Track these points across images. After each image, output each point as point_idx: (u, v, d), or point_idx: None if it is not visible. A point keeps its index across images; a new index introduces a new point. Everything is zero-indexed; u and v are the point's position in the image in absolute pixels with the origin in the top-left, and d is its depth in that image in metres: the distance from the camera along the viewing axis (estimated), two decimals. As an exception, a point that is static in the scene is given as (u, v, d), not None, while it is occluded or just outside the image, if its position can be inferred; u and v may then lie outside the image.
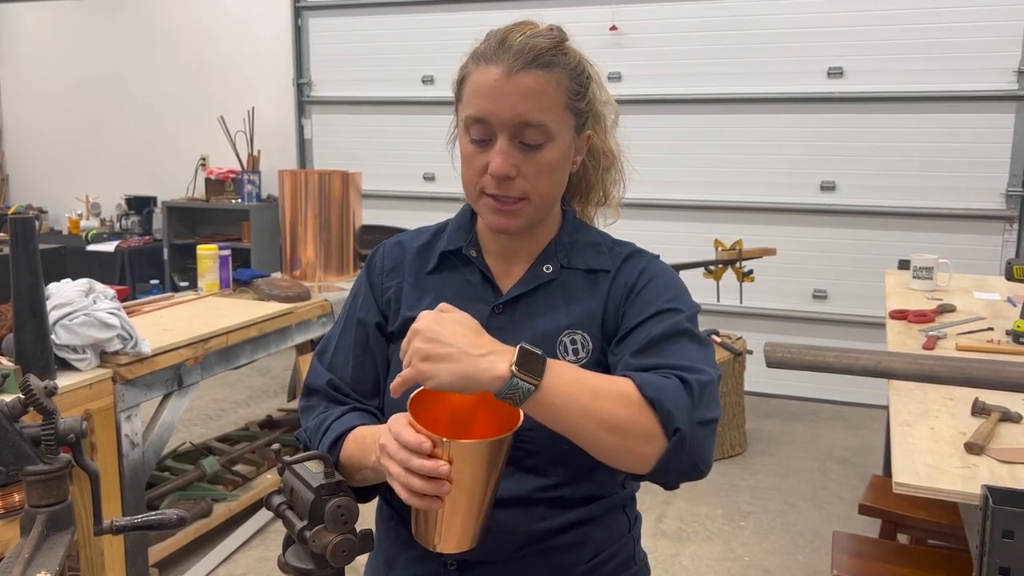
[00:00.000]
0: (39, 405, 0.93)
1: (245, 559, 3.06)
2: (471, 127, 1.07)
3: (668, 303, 1.09)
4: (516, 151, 1.06)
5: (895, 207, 4.65)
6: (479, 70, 1.07)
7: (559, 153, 1.09)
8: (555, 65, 1.07)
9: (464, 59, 1.12)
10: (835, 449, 4.19)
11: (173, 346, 2.57)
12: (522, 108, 1.04)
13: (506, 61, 1.04)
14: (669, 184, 5.03)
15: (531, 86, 1.04)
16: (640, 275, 1.14)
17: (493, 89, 1.04)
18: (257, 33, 5.99)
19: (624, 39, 4.99)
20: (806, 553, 3.16)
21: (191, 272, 5.48)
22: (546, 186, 1.10)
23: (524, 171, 1.07)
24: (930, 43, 4.47)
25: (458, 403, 1.00)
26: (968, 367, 1.40)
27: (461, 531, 0.94)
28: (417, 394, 0.96)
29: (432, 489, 0.90)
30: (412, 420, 0.92)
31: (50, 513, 0.95)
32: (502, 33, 1.08)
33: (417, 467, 0.89)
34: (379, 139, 5.72)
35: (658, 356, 1.02)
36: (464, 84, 1.10)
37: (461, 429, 1.00)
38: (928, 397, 1.97)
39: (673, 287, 1.13)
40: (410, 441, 0.90)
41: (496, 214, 1.09)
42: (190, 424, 4.38)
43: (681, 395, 0.95)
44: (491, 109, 1.05)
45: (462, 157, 1.12)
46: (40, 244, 2.08)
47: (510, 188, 1.07)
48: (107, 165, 6.62)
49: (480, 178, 1.09)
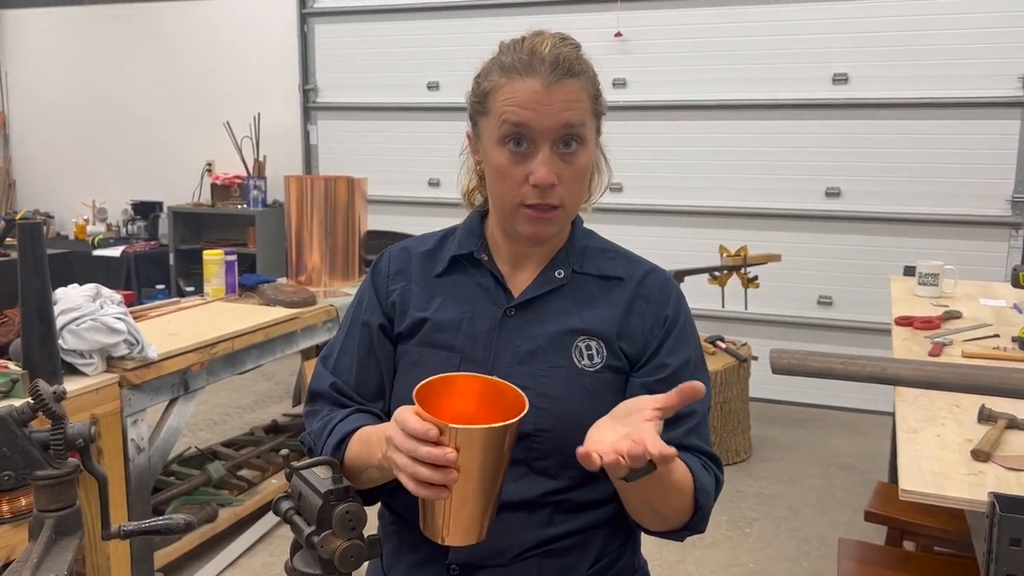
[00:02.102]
0: (48, 410, 0.94)
1: (250, 564, 3.06)
2: (509, 139, 1.08)
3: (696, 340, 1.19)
4: (556, 159, 1.08)
5: (900, 213, 4.65)
6: (513, 83, 1.07)
7: (589, 157, 1.12)
8: (583, 73, 1.09)
9: (483, 71, 1.12)
10: (841, 456, 4.18)
11: (179, 351, 2.58)
12: (565, 117, 1.06)
13: (543, 73, 1.06)
14: (674, 190, 5.03)
15: (569, 95, 1.07)
16: (676, 306, 1.18)
17: (535, 100, 1.05)
18: (263, 39, 6.02)
19: (629, 45, 5.00)
20: (811, 560, 3.15)
21: (197, 277, 5.49)
22: (579, 192, 1.13)
23: (563, 178, 1.09)
24: (936, 49, 4.47)
25: (462, 399, 1.01)
26: (974, 374, 1.39)
27: (469, 523, 0.94)
28: (422, 387, 0.96)
29: (439, 478, 0.89)
30: (419, 409, 0.92)
31: (58, 517, 0.96)
32: (528, 45, 1.08)
33: (424, 455, 0.89)
34: (384, 145, 5.73)
35: (702, 440, 1.14)
36: (491, 97, 1.10)
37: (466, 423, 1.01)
38: (934, 404, 1.97)
39: (693, 322, 1.21)
40: (417, 428, 0.89)
41: (535, 224, 1.10)
42: (196, 429, 4.38)
43: (712, 496, 1.11)
44: (534, 118, 1.06)
45: (494, 171, 1.11)
46: (47, 249, 2.09)
47: (551, 196, 1.09)
48: (113, 170, 6.64)
49: (518, 189, 1.09)
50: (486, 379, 1.01)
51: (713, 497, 1.11)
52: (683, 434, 1.12)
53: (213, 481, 3.25)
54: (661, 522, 1.09)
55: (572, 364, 1.12)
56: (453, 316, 1.16)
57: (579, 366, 1.12)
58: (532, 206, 1.09)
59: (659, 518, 1.08)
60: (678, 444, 1.09)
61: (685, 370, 1.14)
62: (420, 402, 0.94)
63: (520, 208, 1.10)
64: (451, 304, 1.17)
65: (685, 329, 1.17)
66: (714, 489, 1.12)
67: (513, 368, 1.11)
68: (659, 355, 1.14)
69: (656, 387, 1.12)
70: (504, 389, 0.99)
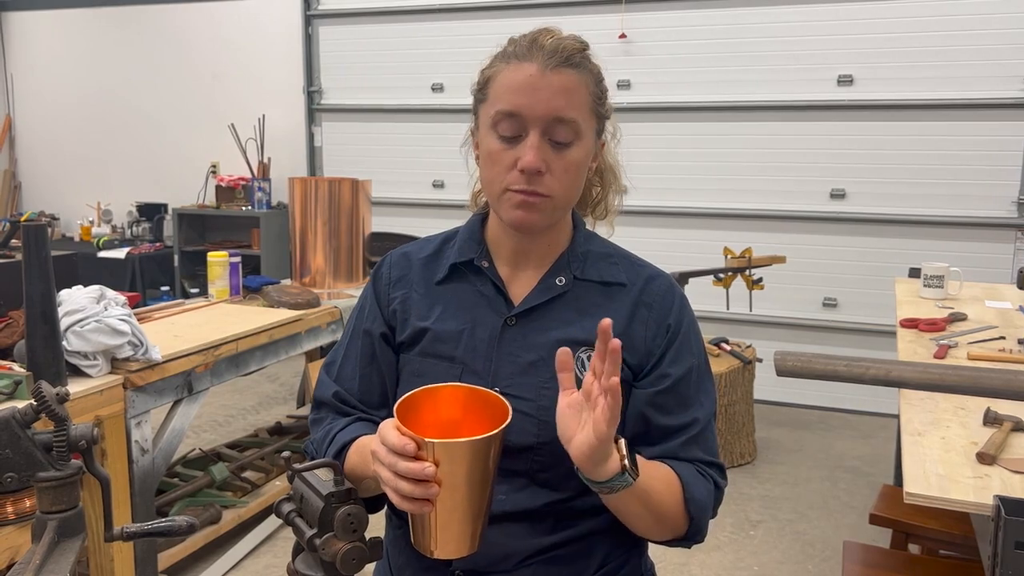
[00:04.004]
0: (51, 412, 0.93)
1: (254, 566, 3.06)
2: (500, 123, 1.07)
3: (700, 347, 1.18)
4: (546, 147, 1.07)
5: (905, 215, 4.64)
6: (510, 68, 1.07)
7: (584, 153, 1.11)
8: (584, 67, 1.09)
9: (487, 63, 1.12)
10: (845, 458, 4.17)
11: (183, 353, 2.58)
12: (556, 104, 1.05)
13: (540, 59, 1.05)
14: (678, 192, 5.03)
15: (564, 83, 1.06)
16: (679, 314, 1.16)
17: (528, 84, 1.05)
18: (268, 41, 6.02)
19: (633, 47, 5.00)
20: (816, 563, 3.15)
21: (201, 279, 5.50)
22: (570, 186, 1.11)
23: (552, 168, 1.07)
24: (940, 51, 4.46)
25: (447, 409, 1.00)
26: (980, 376, 1.38)
27: (458, 536, 0.94)
28: (404, 400, 0.96)
29: (420, 492, 0.89)
30: (399, 424, 0.92)
31: (61, 519, 0.95)
32: (531, 36, 1.09)
33: (403, 470, 0.89)
34: (389, 147, 5.74)
35: (702, 450, 1.13)
36: (490, 84, 1.10)
37: (451, 434, 1.00)
38: (939, 407, 1.96)
39: (698, 326, 1.20)
40: (395, 443, 0.90)
41: (520, 208, 1.08)
42: (199, 430, 4.39)
43: (710, 509, 1.11)
44: (525, 104, 1.05)
45: (486, 156, 1.10)
46: (52, 251, 2.09)
47: (538, 184, 1.07)
48: (118, 172, 6.66)
49: (506, 175, 1.08)
50: (471, 388, 1.00)
51: (711, 506, 1.10)
52: (680, 445, 1.11)
53: (217, 483, 3.25)
54: (658, 533, 1.09)
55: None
56: (454, 326, 1.15)
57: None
58: (518, 191, 1.08)
59: (655, 530, 1.08)
60: (674, 456, 1.10)
61: (687, 379, 1.13)
62: (403, 414, 0.94)
63: (506, 192, 1.09)
64: (452, 313, 1.16)
65: (688, 336, 1.16)
66: (712, 497, 1.11)
67: (515, 380, 1.11)
68: (661, 365, 1.13)
69: (658, 398, 1.11)
70: (489, 398, 0.98)
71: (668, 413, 1.11)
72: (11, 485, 0.94)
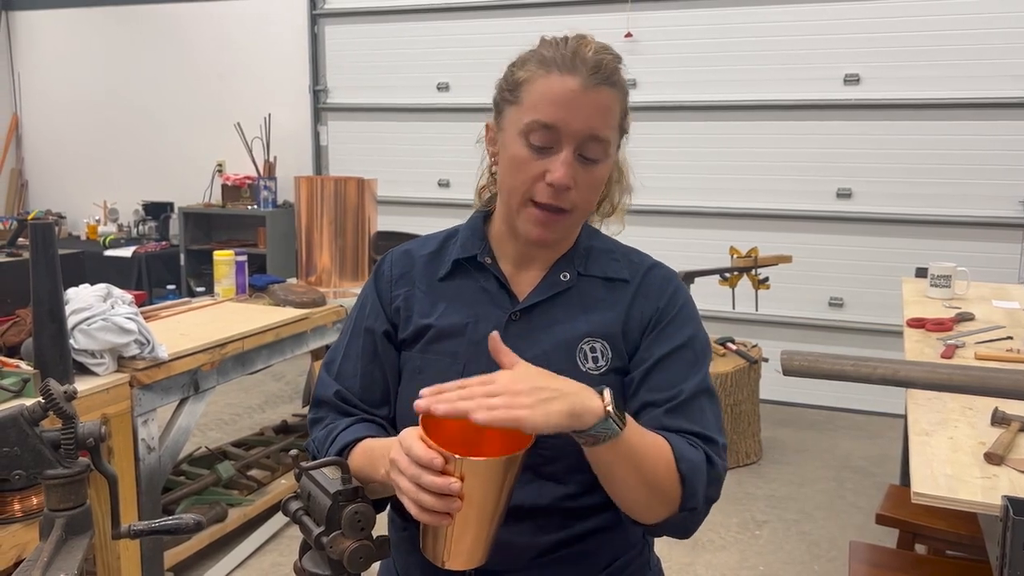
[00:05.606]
0: (59, 410, 0.94)
1: (260, 564, 3.07)
2: (533, 132, 1.06)
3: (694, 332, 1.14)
4: (576, 163, 1.06)
5: (912, 215, 4.62)
6: (550, 77, 1.05)
7: (608, 169, 1.11)
8: (619, 85, 1.09)
9: (520, 60, 1.10)
10: (852, 458, 4.16)
11: (190, 351, 2.59)
12: (594, 122, 1.05)
13: (583, 74, 1.04)
14: (684, 191, 5.02)
15: (603, 102, 1.06)
16: (671, 298, 1.15)
17: (569, 99, 1.04)
18: (274, 40, 6.03)
19: (639, 46, 4.99)
20: (822, 563, 3.14)
21: (207, 277, 5.51)
22: (592, 200, 1.12)
23: (578, 183, 1.07)
24: (947, 50, 4.44)
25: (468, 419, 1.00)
26: (987, 376, 1.38)
27: (471, 548, 0.94)
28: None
29: (443, 506, 0.89)
30: (424, 435, 0.91)
31: (69, 517, 0.96)
32: (571, 46, 1.07)
33: (428, 484, 0.88)
34: (394, 146, 5.74)
35: (688, 420, 1.07)
36: (524, 87, 1.07)
37: (472, 444, 0.99)
38: (947, 407, 1.96)
39: (695, 312, 1.17)
40: (422, 457, 0.89)
41: (539, 226, 1.09)
42: (206, 429, 4.40)
43: (703, 473, 1.03)
44: (564, 118, 1.04)
45: (510, 160, 1.09)
46: (59, 249, 2.10)
47: (564, 199, 1.07)
48: (125, 171, 6.67)
49: (532, 185, 1.07)
50: None
51: (704, 472, 1.03)
52: (664, 413, 1.07)
53: (223, 481, 3.26)
54: (653, 508, 1.02)
55: (576, 369, 1.10)
56: (457, 322, 1.14)
57: (583, 370, 1.10)
58: (542, 205, 1.07)
59: (649, 502, 1.02)
60: (660, 425, 1.06)
61: (674, 356, 1.11)
62: (425, 423, 0.92)
63: (528, 204, 1.08)
64: (455, 310, 1.15)
65: (677, 318, 1.13)
66: (705, 465, 1.03)
67: None
68: (643, 345, 1.12)
69: (647, 378, 1.10)
70: None
71: (653, 389, 1.09)
72: (19, 483, 0.95)
